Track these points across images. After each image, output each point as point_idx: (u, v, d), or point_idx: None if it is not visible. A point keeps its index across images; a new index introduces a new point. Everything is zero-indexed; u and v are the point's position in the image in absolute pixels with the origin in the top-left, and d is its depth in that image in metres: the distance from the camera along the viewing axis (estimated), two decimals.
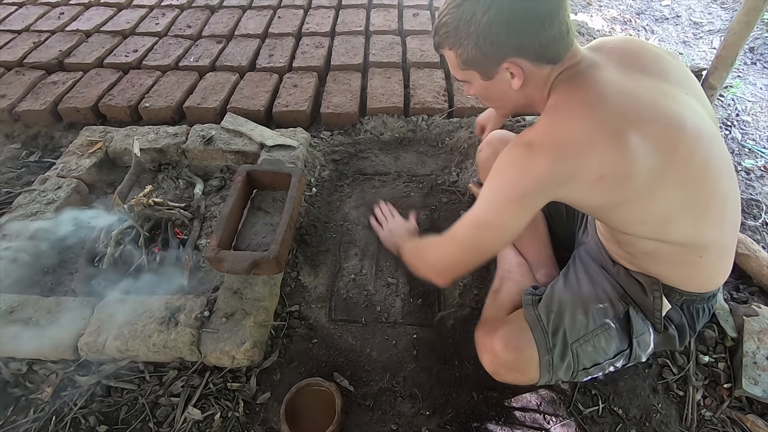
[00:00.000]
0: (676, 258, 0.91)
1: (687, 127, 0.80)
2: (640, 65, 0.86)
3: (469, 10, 0.79)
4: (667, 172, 0.79)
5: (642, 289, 0.97)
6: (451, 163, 1.83)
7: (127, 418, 1.13)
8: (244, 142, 1.74)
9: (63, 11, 2.69)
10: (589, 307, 0.98)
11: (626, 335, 0.98)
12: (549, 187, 0.82)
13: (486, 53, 0.81)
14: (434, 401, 1.15)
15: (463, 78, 0.91)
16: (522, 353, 0.94)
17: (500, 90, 0.89)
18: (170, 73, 2.19)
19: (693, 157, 0.81)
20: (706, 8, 3.06)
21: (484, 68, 0.85)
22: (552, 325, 0.95)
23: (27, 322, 1.20)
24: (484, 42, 0.80)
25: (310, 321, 1.31)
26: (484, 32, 0.79)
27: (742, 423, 1.09)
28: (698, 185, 0.83)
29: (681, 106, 0.83)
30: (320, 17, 2.63)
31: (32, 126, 2.03)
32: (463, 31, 0.81)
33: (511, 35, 0.79)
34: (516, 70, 0.82)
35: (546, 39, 0.79)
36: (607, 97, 0.80)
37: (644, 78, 0.84)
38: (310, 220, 1.58)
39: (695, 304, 0.99)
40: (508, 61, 0.82)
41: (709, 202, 0.86)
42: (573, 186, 0.81)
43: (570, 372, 0.96)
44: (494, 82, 0.87)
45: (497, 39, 0.79)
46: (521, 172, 0.82)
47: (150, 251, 1.40)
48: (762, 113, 2.12)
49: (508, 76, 0.84)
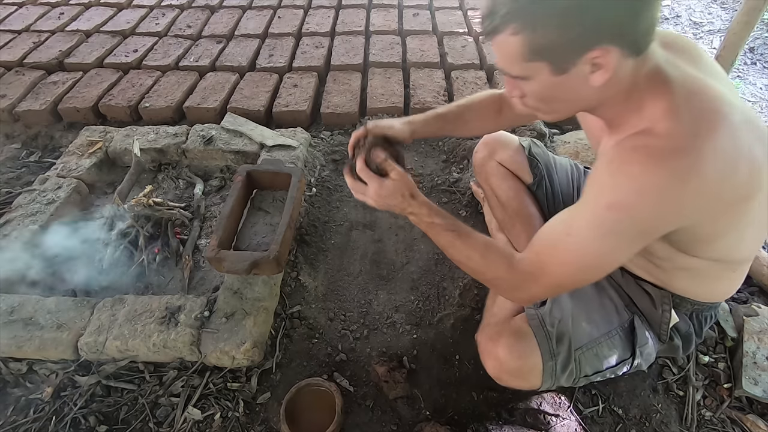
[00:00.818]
0: (712, 273, 0.87)
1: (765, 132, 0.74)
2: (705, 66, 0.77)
3: None
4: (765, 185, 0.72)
5: (651, 301, 0.95)
6: (451, 163, 1.83)
7: (127, 418, 1.13)
8: (244, 142, 1.74)
9: (63, 11, 2.69)
10: (593, 314, 0.97)
11: (629, 344, 0.96)
12: (687, 217, 0.70)
13: (572, 38, 0.63)
14: (434, 401, 1.15)
15: (524, 72, 0.70)
16: (526, 361, 0.92)
17: (571, 88, 0.70)
18: (170, 73, 2.19)
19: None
20: (706, 8, 3.06)
21: (561, 58, 0.66)
22: (556, 331, 0.93)
23: (27, 322, 1.20)
24: (575, 22, 0.62)
25: (310, 321, 1.31)
26: (578, 9, 0.61)
27: (742, 423, 1.09)
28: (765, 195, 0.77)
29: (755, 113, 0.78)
30: (320, 17, 2.63)
31: (32, 126, 2.03)
32: (544, 9, 0.62)
33: (615, 14, 0.62)
34: (606, 60, 0.64)
35: (648, 23, 0.64)
36: (731, 104, 0.69)
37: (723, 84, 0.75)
38: (310, 220, 1.58)
39: (704, 312, 0.98)
40: (600, 48, 0.63)
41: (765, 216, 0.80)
42: (709, 213, 0.71)
43: (572, 379, 0.95)
44: (567, 78, 0.68)
45: (594, 18, 0.62)
46: (664, 206, 0.67)
47: (150, 251, 1.40)
48: (762, 113, 2.12)
49: (587, 70, 0.66)
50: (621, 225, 0.70)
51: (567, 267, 0.76)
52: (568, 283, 0.80)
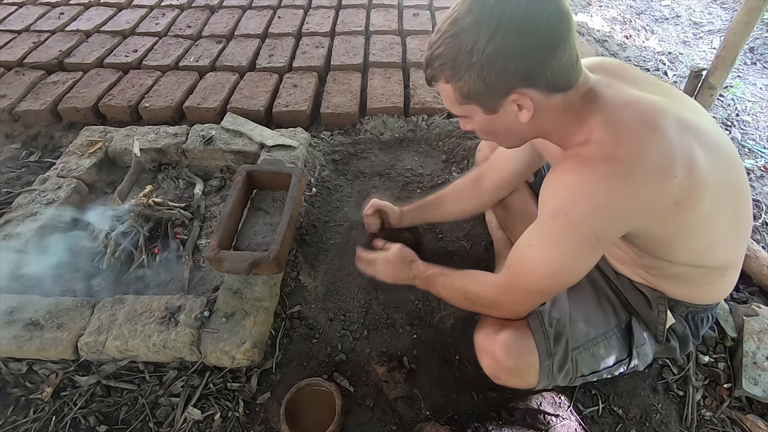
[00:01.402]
0: (700, 279, 0.90)
1: (724, 144, 0.78)
2: (643, 82, 0.82)
3: (469, 39, 0.70)
4: (723, 194, 0.76)
5: (646, 302, 0.95)
6: (451, 163, 1.83)
7: (127, 418, 1.13)
8: (244, 142, 1.74)
9: (63, 11, 2.69)
10: (591, 315, 0.97)
11: (626, 345, 0.97)
12: (627, 221, 0.75)
13: (490, 85, 0.73)
14: (434, 401, 1.15)
15: (462, 113, 0.82)
16: (523, 360, 0.92)
17: (505, 124, 0.80)
18: (170, 73, 2.19)
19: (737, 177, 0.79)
20: (706, 8, 3.06)
21: (488, 101, 0.77)
22: (554, 331, 0.94)
23: (27, 322, 1.20)
24: (488, 73, 0.71)
25: (310, 321, 1.31)
26: (489, 63, 0.70)
27: (742, 423, 1.09)
28: (739, 204, 0.81)
29: (707, 122, 0.80)
30: (320, 17, 2.63)
31: (32, 126, 2.03)
32: (463, 62, 0.72)
33: (520, 65, 0.70)
34: (525, 101, 0.74)
35: (557, 67, 0.72)
36: (664, 113, 0.73)
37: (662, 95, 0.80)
38: (310, 220, 1.58)
39: (700, 314, 0.98)
40: (516, 92, 0.73)
41: (743, 222, 0.84)
42: (649, 216, 0.75)
43: (568, 378, 0.95)
44: (498, 116, 0.79)
45: (503, 69, 0.70)
46: (597, 210, 0.73)
47: (150, 251, 1.40)
48: (762, 113, 2.12)
49: (515, 109, 0.76)
50: (563, 231, 0.76)
51: (534, 276, 0.84)
52: (540, 291, 0.86)
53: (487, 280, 0.95)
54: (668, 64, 2.48)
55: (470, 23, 0.70)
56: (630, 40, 2.72)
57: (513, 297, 0.90)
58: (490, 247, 1.46)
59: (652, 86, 0.82)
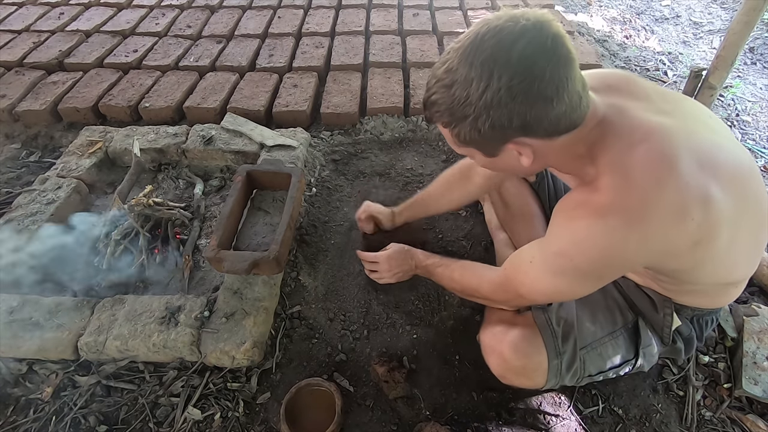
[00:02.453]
0: (712, 292, 0.90)
1: (744, 163, 0.77)
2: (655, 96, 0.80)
3: (461, 92, 0.68)
4: (742, 219, 0.75)
5: (652, 305, 0.95)
6: (451, 163, 1.83)
7: (127, 418, 1.13)
8: (244, 142, 1.74)
9: (63, 11, 2.69)
10: (598, 315, 0.98)
11: (633, 345, 0.97)
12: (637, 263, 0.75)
13: (486, 136, 0.71)
14: (434, 401, 1.15)
15: (463, 153, 0.82)
16: (531, 359, 0.92)
17: (508, 164, 0.79)
18: (170, 73, 2.19)
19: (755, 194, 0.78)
20: (706, 8, 3.06)
21: (486, 148, 0.76)
22: (562, 330, 0.94)
23: (27, 322, 1.20)
24: (483, 125, 0.69)
25: (310, 321, 1.31)
26: (483, 116, 0.68)
27: (742, 423, 1.09)
28: (757, 218, 0.80)
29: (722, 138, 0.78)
30: (320, 17, 2.63)
31: (32, 126, 2.03)
32: (458, 112, 0.70)
33: (514, 118, 0.67)
34: (524, 149, 0.73)
35: (555, 116, 0.68)
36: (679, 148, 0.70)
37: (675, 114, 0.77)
38: (310, 220, 1.58)
39: (705, 317, 0.99)
40: (513, 142, 0.72)
41: (762, 234, 0.83)
42: (664, 257, 0.74)
43: (575, 378, 0.96)
44: (500, 159, 0.78)
45: (498, 123, 0.68)
46: (605, 260, 0.73)
47: (150, 251, 1.40)
48: (762, 113, 2.12)
49: (516, 154, 0.75)
50: (566, 269, 0.78)
51: (528, 289, 0.87)
52: (532, 300, 0.91)
53: (483, 276, 0.99)
54: (668, 64, 2.48)
55: (462, 75, 0.68)
56: (630, 40, 2.72)
57: (506, 296, 0.95)
58: (490, 247, 1.46)
59: (664, 100, 0.79)
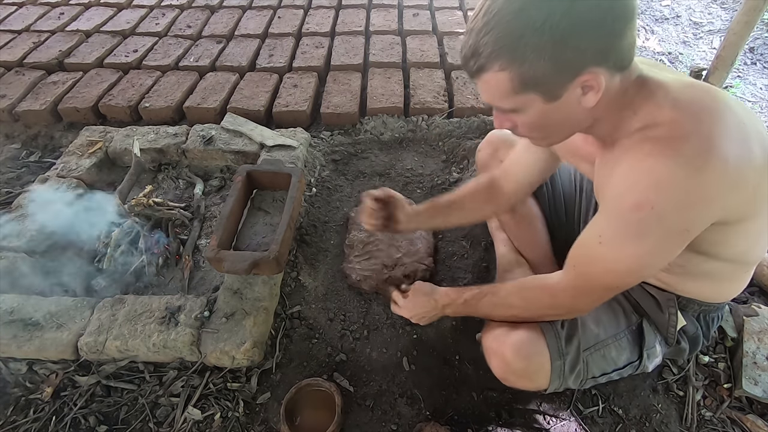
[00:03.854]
0: (727, 275, 0.88)
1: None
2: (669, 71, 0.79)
3: (539, 14, 0.61)
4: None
5: (656, 305, 0.95)
6: (451, 163, 1.83)
7: (127, 418, 1.13)
8: (244, 142, 1.74)
9: (63, 11, 2.69)
10: (601, 316, 0.97)
11: (637, 346, 0.96)
12: (717, 206, 0.69)
13: (562, 65, 0.65)
14: (434, 401, 1.15)
15: (515, 105, 0.72)
16: (532, 360, 0.91)
17: (564, 113, 0.72)
18: (170, 73, 2.19)
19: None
20: (706, 8, 3.06)
21: (553, 86, 0.68)
22: (566, 331, 0.93)
23: (27, 322, 1.20)
24: (562, 51, 0.63)
25: (310, 321, 1.31)
26: (564, 38, 0.62)
27: (742, 423, 1.09)
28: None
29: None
30: (320, 17, 2.63)
31: (32, 126, 2.03)
32: (531, 41, 0.63)
33: (598, 39, 0.63)
34: (596, 81, 0.66)
35: (628, 41, 0.65)
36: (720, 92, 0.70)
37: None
38: (310, 220, 1.58)
39: (711, 314, 0.98)
40: (589, 71, 0.65)
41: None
42: (735, 200, 0.69)
43: (579, 380, 0.95)
44: (559, 104, 0.69)
45: (580, 44, 0.63)
46: (688, 198, 0.66)
47: (150, 251, 1.40)
48: (762, 113, 2.12)
49: (579, 93, 0.68)
50: (649, 226, 0.69)
51: (610, 275, 0.78)
52: (617, 287, 0.82)
53: (551, 286, 0.87)
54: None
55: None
56: None
57: (588, 297, 0.84)
58: (490, 247, 1.46)
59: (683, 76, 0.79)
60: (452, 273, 1.43)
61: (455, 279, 1.41)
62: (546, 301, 0.89)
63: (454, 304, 1.01)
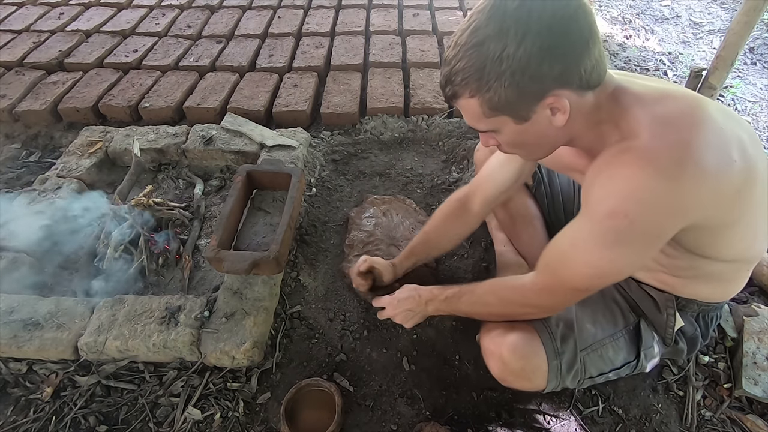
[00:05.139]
0: (729, 275, 0.88)
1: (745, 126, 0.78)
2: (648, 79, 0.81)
3: (496, 47, 0.66)
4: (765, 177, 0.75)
5: (654, 305, 0.95)
6: (451, 163, 1.83)
7: (127, 418, 1.13)
8: (244, 142, 1.74)
9: (63, 11, 2.69)
10: (598, 316, 0.97)
11: (634, 346, 0.96)
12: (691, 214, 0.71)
13: (524, 91, 0.69)
14: (434, 401, 1.15)
15: (490, 127, 0.77)
16: (529, 360, 0.91)
17: (538, 132, 0.76)
18: (170, 73, 2.19)
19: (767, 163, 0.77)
20: (706, 8, 3.06)
21: (520, 110, 0.72)
22: (561, 331, 0.93)
23: (27, 322, 1.20)
24: (521, 78, 0.67)
25: (310, 321, 1.31)
26: (521, 67, 0.66)
27: (742, 423, 1.09)
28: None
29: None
30: (320, 17, 2.63)
31: (32, 126, 2.03)
32: (492, 71, 0.68)
33: (555, 64, 0.67)
34: (560, 103, 0.70)
35: (591, 62, 0.68)
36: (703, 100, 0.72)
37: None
38: (310, 220, 1.58)
39: (710, 313, 0.98)
40: (552, 95, 0.69)
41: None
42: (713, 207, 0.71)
43: (577, 380, 0.95)
44: (530, 124, 0.74)
45: (538, 72, 0.67)
46: (662, 207, 0.68)
47: (150, 251, 1.40)
48: (762, 113, 2.12)
49: (548, 114, 0.72)
50: (622, 233, 0.71)
51: (580, 277, 0.80)
52: (586, 289, 0.83)
53: (522, 286, 0.90)
54: (668, 64, 2.48)
55: (494, 30, 0.66)
56: (630, 40, 2.72)
57: (557, 297, 0.86)
58: (490, 247, 1.46)
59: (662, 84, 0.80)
60: (452, 273, 1.43)
61: (456, 279, 1.41)
62: (518, 299, 0.91)
63: (435, 300, 1.03)
